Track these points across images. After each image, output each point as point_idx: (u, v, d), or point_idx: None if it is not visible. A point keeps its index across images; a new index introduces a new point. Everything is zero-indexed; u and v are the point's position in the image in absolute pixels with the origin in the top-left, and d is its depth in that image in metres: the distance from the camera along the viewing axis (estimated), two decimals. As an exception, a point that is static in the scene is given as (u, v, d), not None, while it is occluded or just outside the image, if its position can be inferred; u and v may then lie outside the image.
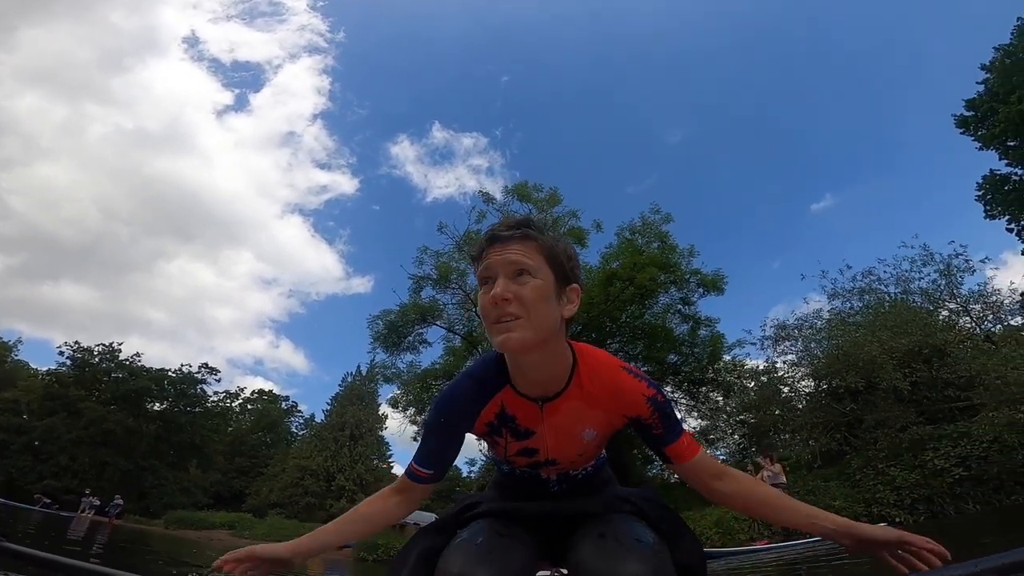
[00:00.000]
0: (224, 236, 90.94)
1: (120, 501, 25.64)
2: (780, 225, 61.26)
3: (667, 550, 0.95)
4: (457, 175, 62.18)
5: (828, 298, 16.43)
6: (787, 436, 17.66)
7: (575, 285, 1.00)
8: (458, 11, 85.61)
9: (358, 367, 47.31)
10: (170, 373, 40.67)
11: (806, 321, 16.09)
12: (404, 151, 75.37)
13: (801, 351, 15.77)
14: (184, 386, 40.87)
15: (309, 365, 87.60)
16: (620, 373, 1.04)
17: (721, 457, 19.66)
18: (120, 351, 39.91)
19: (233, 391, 51.46)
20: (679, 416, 1.15)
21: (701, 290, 20.08)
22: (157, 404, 40.63)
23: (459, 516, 1.14)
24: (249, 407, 51.87)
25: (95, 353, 39.29)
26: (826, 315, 16.00)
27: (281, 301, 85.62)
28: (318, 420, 48.36)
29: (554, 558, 1.14)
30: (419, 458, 1.11)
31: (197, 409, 41.99)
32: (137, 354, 40.36)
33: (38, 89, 69.24)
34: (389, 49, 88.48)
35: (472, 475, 37.36)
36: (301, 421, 53.12)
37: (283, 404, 53.27)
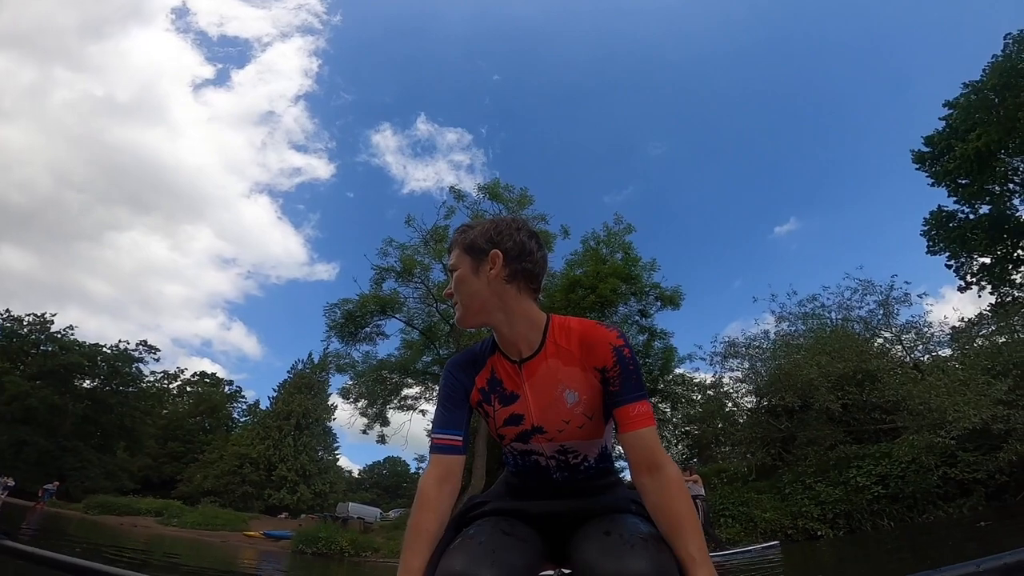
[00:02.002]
0: (184, 210, 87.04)
1: (52, 487, 24.19)
2: (745, 244, 64.27)
3: (671, 548, 0.94)
4: (437, 169, 61.92)
5: (776, 320, 17.23)
6: (727, 449, 18.39)
7: (494, 250, 1.11)
8: (459, 5, 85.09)
9: (310, 355, 45.98)
10: (104, 349, 38.23)
11: (754, 341, 16.84)
12: (386, 140, 74.49)
13: (747, 369, 16.48)
14: (119, 364, 38.45)
15: (262, 350, 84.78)
16: (592, 325, 1.12)
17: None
18: (52, 322, 37.25)
19: (172, 372, 48.89)
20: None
21: (659, 304, 20.67)
22: (87, 381, 38.06)
23: (464, 515, 1.16)
24: (188, 389, 49.36)
25: (25, 323, 36.50)
26: (773, 336, 16.79)
27: (238, 282, 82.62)
28: (264, 407, 46.65)
29: (558, 558, 1.14)
30: (441, 428, 1.16)
31: (131, 389, 39.60)
32: (70, 327, 37.78)
33: (10, 51, 65.23)
34: (384, 37, 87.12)
35: (421, 471, 36.91)
36: (244, 407, 51.09)
37: (226, 388, 50.97)
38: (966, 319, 15.99)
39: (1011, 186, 19.78)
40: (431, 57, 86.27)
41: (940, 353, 14.98)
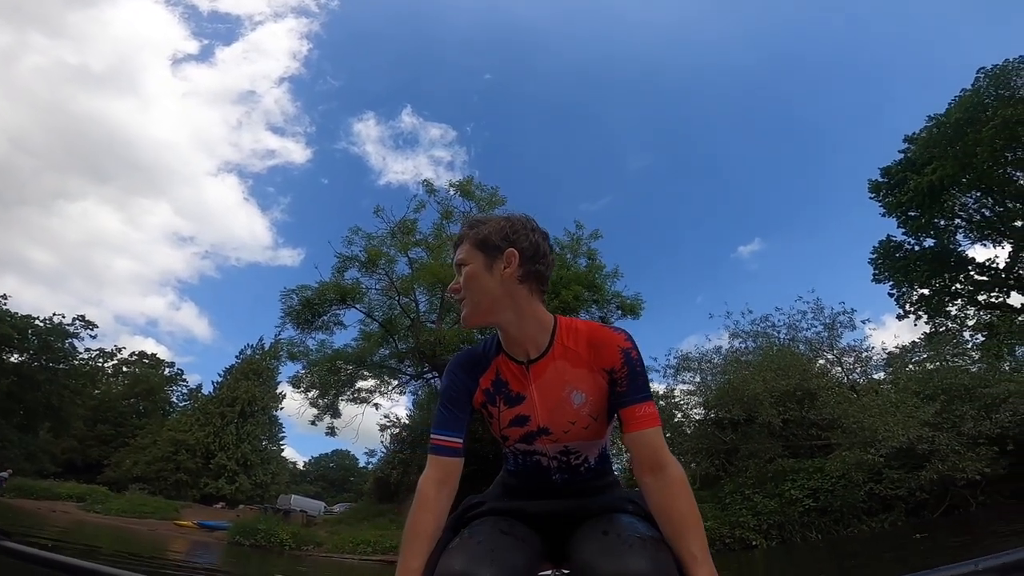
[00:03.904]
0: (143, 183, 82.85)
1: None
2: (710, 261, 66.46)
3: (669, 547, 0.95)
4: (416, 163, 61.61)
5: (729, 337, 17.85)
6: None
7: (510, 249, 1.10)
8: (461, 2, 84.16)
9: (260, 340, 44.32)
10: (37, 322, 35.37)
11: (706, 356, 17.40)
12: (368, 129, 73.37)
13: (698, 382, 17.00)
14: (51, 338, 35.69)
15: (212, 333, 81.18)
16: (600, 328, 1.13)
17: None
18: (-15, 290, 34.26)
19: (109, 350, 45.86)
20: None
21: (620, 312, 21.06)
22: (15, 355, 35.19)
23: (463, 515, 1.16)
24: (125, 369, 46.44)
25: (-50, 290, 33.43)
26: (725, 352, 17.39)
27: (194, 261, 78.46)
28: (207, 392, 44.55)
29: (557, 558, 1.15)
30: (442, 429, 1.13)
31: (61, 366, 36.86)
32: (3, 296, 34.78)
33: (-13, 14, 59.75)
34: (380, 25, 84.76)
35: (370, 466, 36.23)
36: (185, 391, 48.58)
37: (166, 370, 48.29)
38: (900, 346, 17.08)
39: (957, 221, 21.09)
40: (425, 50, 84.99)
41: (875, 376, 15.93)
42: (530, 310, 1.11)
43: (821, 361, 16.61)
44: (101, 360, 44.26)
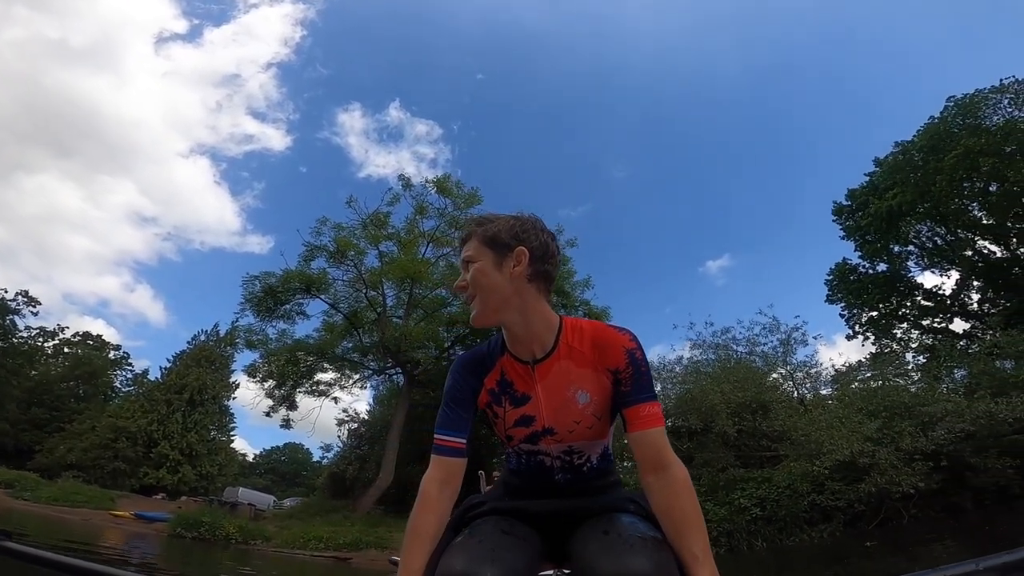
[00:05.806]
0: (108, 160, 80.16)
1: None
2: (680, 274, 68.38)
3: (671, 547, 0.95)
4: (399, 158, 61.00)
5: (690, 348, 18.31)
6: (629, 464, 19.23)
7: (520, 247, 1.08)
8: (459, 1, 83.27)
9: (215, 326, 42.56)
10: (-25, 297, 33.04)
11: (667, 365, 17.81)
12: (352, 121, 72.35)
13: (658, 391, 17.32)
14: (-10, 314, 33.39)
15: (167, 318, 78.14)
16: (604, 328, 1.13)
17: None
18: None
19: (51, 329, 43.08)
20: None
21: (586, 319, 21.34)
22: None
23: (464, 515, 1.16)
24: (67, 350, 43.74)
25: None
26: (686, 362, 17.82)
27: (154, 243, 75.79)
28: (153, 378, 42.44)
29: (558, 558, 1.16)
30: (446, 429, 1.13)
31: (0, 344, 34.46)
32: None
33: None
34: (377, 18, 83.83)
35: (325, 461, 35.38)
36: (130, 376, 46.14)
37: (112, 353, 45.73)
38: (847, 364, 17.89)
39: (911, 248, 22.12)
40: (420, 45, 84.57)
41: (823, 392, 16.64)
42: (537, 310, 1.11)
43: (775, 375, 17.24)
44: (41, 339, 41.69)
